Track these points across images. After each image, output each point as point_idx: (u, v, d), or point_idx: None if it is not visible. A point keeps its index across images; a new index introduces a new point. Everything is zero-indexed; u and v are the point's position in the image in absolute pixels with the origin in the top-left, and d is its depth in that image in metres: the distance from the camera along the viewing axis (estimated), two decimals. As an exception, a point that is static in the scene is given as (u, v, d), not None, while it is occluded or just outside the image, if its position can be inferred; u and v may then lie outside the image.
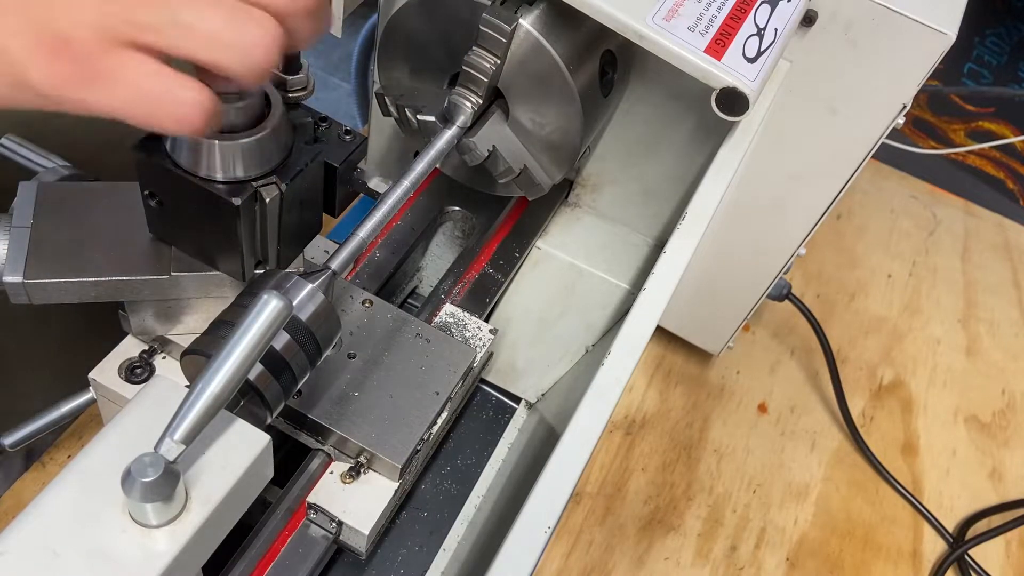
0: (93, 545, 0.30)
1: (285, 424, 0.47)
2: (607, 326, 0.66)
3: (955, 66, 1.44)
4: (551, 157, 0.56)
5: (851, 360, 0.91)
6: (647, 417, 0.81)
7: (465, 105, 0.51)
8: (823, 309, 0.94)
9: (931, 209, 1.12)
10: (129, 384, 0.46)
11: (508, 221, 0.65)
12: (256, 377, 0.39)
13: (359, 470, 0.46)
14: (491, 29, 0.49)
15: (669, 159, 0.64)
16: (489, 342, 0.54)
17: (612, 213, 0.70)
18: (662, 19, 0.47)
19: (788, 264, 0.69)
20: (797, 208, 0.65)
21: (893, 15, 0.53)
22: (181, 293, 0.44)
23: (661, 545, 0.73)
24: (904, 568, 0.77)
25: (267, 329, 0.33)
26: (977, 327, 0.99)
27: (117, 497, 0.31)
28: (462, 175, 0.60)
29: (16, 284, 0.40)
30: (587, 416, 0.42)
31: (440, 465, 0.57)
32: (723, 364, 0.87)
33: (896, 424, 0.87)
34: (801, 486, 0.80)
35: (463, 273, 0.61)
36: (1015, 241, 1.11)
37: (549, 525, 0.38)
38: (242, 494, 0.35)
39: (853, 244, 1.04)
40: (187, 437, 0.31)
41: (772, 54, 0.49)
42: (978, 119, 1.35)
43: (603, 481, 0.75)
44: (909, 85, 0.55)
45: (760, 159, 0.62)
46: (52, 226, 0.42)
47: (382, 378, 0.48)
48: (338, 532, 0.45)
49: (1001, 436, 0.89)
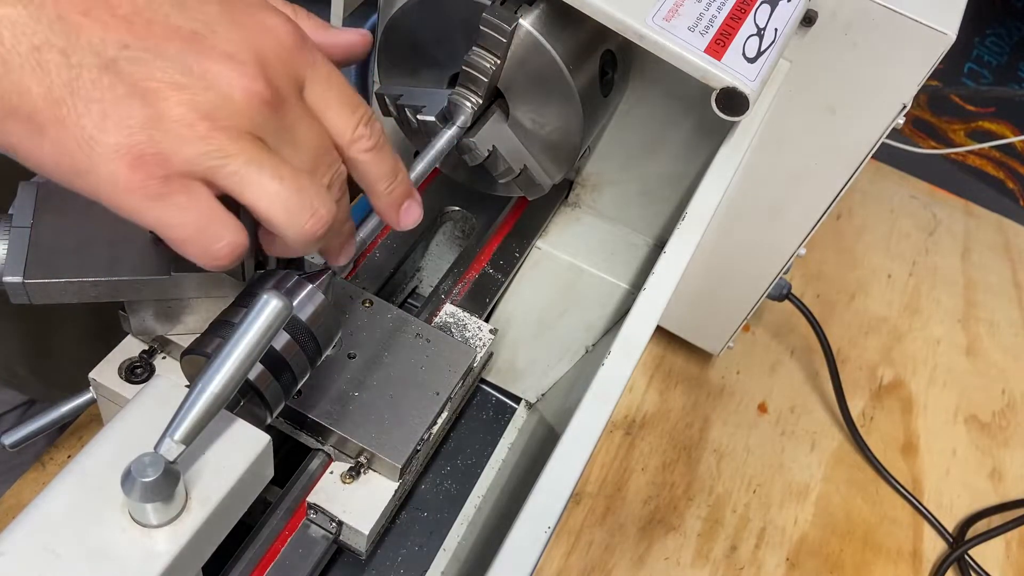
0: (93, 545, 0.30)
1: (285, 424, 0.47)
2: (607, 326, 0.66)
3: (955, 66, 1.44)
4: (551, 157, 0.56)
5: (851, 360, 0.91)
6: (647, 417, 0.81)
7: (465, 105, 0.51)
8: (823, 309, 0.94)
9: (931, 209, 1.12)
10: (129, 384, 0.46)
11: (508, 221, 0.65)
12: (256, 377, 0.39)
13: (359, 470, 0.46)
14: (491, 29, 0.49)
15: (669, 159, 0.64)
16: (489, 342, 0.54)
17: (612, 213, 0.70)
18: (662, 19, 0.47)
19: (788, 264, 0.69)
20: (797, 208, 0.65)
21: (893, 15, 0.53)
22: (181, 293, 0.44)
23: (661, 545, 0.73)
24: (904, 568, 0.77)
25: (267, 329, 0.33)
26: (977, 327, 0.99)
27: (117, 497, 0.31)
28: (462, 175, 0.60)
29: (16, 284, 0.40)
30: (587, 416, 0.42)
31: (440, 465, 0.57)
32: (723, 364, 0.87)
33: (896, 424, 0.87)
34: (801, 486, 0.80)
35: (463, 273, 0.61)
36: (1015, 241, 1.11)
37: (549, 525, 0.38)
38: (242, 494, 0.35)
39: (853, 244, 1.04)
40: (187, 437, 0.31)
41: (772, 54, 0.49)
42: (978, 119, 1.35)
43: (603, 481, 0.75)
44: (909, 85, 0.55)
45: (760, 159, 0.62)
46: (52, 226, 0.42)
47: (382, 378, 0.48)
48: (338, 532, 0.45)
49: (1001, 436, 0.89)
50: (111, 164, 0.30)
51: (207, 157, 0.31)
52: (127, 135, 0.30)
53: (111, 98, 0.30)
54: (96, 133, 0.30)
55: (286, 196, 0.32)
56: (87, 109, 0.29)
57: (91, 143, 0.30)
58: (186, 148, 0.30)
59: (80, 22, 0.29)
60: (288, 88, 0.34)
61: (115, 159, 0.30)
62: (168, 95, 0.30)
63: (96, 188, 0.31)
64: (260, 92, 0.32)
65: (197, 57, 0.31)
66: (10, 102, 0.29)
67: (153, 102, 0.30)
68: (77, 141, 0.30)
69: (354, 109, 0.37)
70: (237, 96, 0.31)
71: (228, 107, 0.31)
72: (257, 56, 0.32)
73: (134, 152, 0.30)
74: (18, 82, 0.29)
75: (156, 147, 0.30)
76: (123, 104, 0.30)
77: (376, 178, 0.39)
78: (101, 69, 0.29)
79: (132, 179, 0.30)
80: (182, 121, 0.30)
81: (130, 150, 0.30)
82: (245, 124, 0.32)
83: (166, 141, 0.30)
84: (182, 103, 0.30)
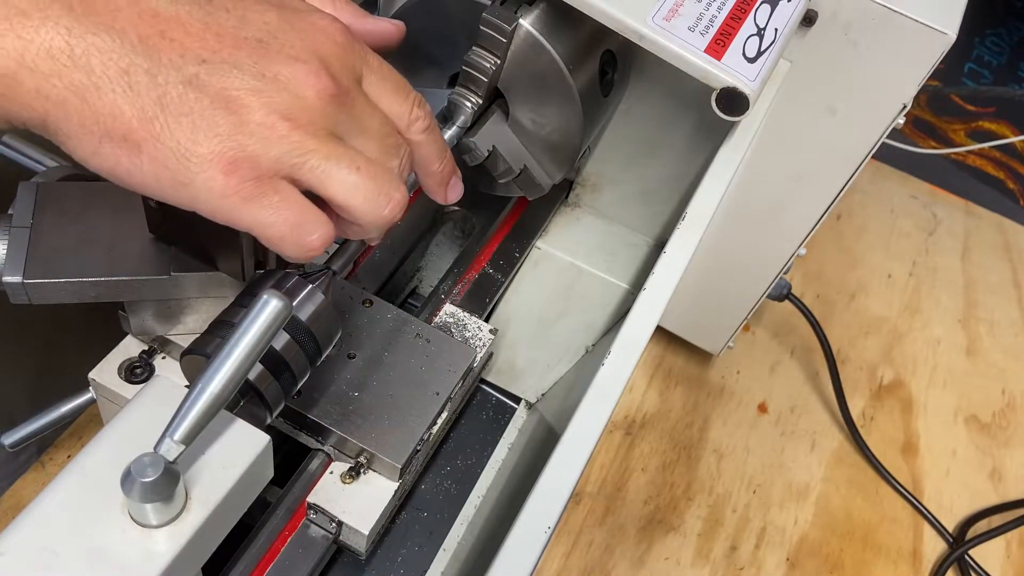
0: (93, 545, 0.30)
1: (285, 424, 0.47)
2: (607, 326, 0.66)
3: (955, 66, 1.44)
4: (551, 157, 0.56)
5: (851, 360, 0.91)
6: (647, 417, 0.81)
7: (465, 105, 0.51)
8: (823, 309, 0.94)
9: (931, 209, 1.12)
10: (129, 384, 0.46)
11: (508, 221, 0.65)
12: (256, 377, 0.39)
13: (359, 470, 0.46)
14: (491, 29, 0.49)
15: (669, 159, 0.64)
16: (489, 342, 0.54)
17: (612, 213, 0.70)
18: (662, 19, 0.47)
19: (788, 264, 0.69)
20: (797, 208, 0.65)
21: (893, 15, 0.53)
22: (181, 293, 0.44)
23: (661, 545, 0.73)
24: (904, 568, 0.77)
25: (267, 329, 0.33)
26: (977, 327, 0.99)
27: (117, 497, 0.31)
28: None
29: (16, 284, 0.40)
30: (587, 416, 0.42)
31: (440, 465, 0.57)
32: (723, 364, 0.87)
33: (896, 424, 0.87)
34: (801, 486, 0.80)
35: (463, 273, 0.61)
36: (1015, 241, 1.11)
37: (549, 525, 0.38)
38: (242, 494, 0.35)
39: (853, 244, 1.04)
40: (187, 437, 0.31)
41: (772, 54, 0.49)
42: (978, 119, 1.35)
43: (603, 481, 0.75)
44: (909, 85, 0.55)
45: (760, 159, 0.62)
46: (52, 226, 0.42)
47: (382, 378, 0.48)
48: (338, 532, 0.45)
49: (1001, 436, 0.89)
50: (207, 172, 0.31)
51: (291, 155, 0.33)
52: (218, 143, 0.31)
53: (198, 110, 0.31)
54: (190, 145, 0.31)
55: (364, 186, 0.35)
56: (178, 123, 0.31)
57: (187, 155, 0.31)
58: (272, 149, 0.32)
59: (159, 43, 0.31)
60: (350, 82, 0.36)
61: (210, 167, 0.31)
62: (248, 101, 0.32)
63: (195, 198, 0.32)
64: (328, 88, 0.34)
65: (267, 63, 0.33)
66: (105, 125, 0.31)
67: (236, 109, 0.32)
68: (174, 154, 0.31)
69: (407, 94, 0.39)
70: (309, 94, 0.33)
71: (302, 105, 0.33)
72: (319, 56, 0.34)
73: (227, 158, 0.32)
74: (112, 104, 0.30)
75: (245, 151, 0.32)
76: (209, 115, 0.31)
77: (431, 157, 0.41)
78: (185, 84, 0.31)
79: (228, 184, 0.32)
80: (264, 123, 0.32)
81: (223, 156, 0.31)
82: (319, 120, 0.34)
83: (253, 144, 0.32)
84: (262, 107, 0.32)
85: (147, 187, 0.32)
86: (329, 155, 0.34)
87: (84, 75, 0.30)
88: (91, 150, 0.31)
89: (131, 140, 0.31)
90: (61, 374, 0.52)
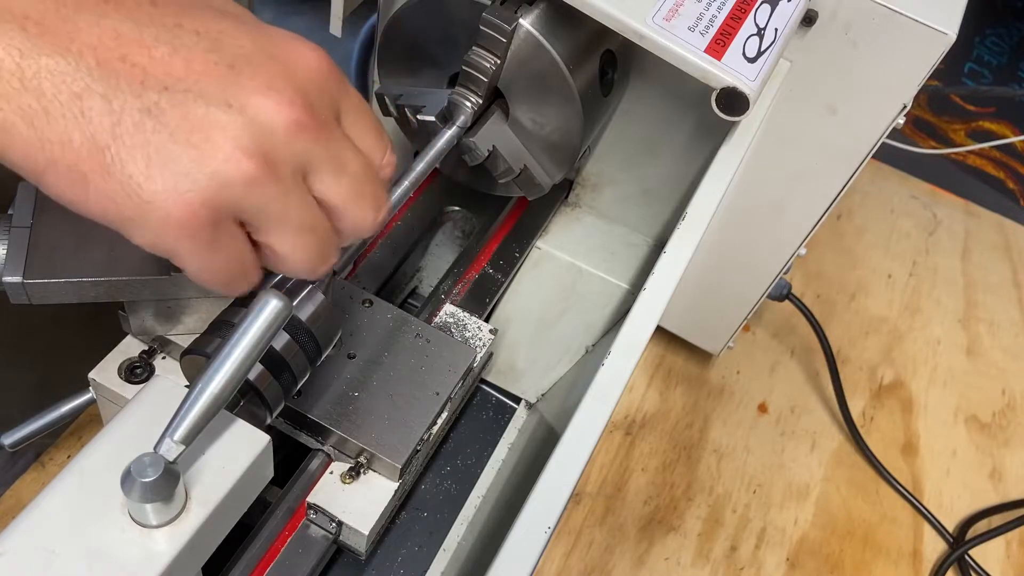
0: (93, 545, 0.30)
1: (285, 424, 0.47)
2: (607, 326, 0.66)
3: (955, 66, 1.44)
4: (551, 157, 0.56)
5: (851, 360, 0.91)
6: (647, 417, 0.81)
7: (465, 105, 0.51)
8: (823, 309, 0.94)
9: (931, 209, 1.12)
10: (129, 384, 0.46)
11: (508, 221, 0.65)
12: (256, 377, 0.39)
13: (359, 470, 0.46)
14: (491, 29, 0.49)
15: (669, 159, 0.64)
16: (489, 342, 0.54)
17: (612, 213, 0.70)
18: (662, 19, 0.47)
19: (788, 264, 0.69)
20: (797, 208, 0.65)
21: (893, 15, 0.53)
22: (181, 293, 0.44)
23: (661, 545, 0.73)
24: (904, 568, 0.77)
25: (267, 329, 0.33)
26: (977, 327, 0.99)
27: (117, 497, 0.31)
28: (462, 175, 0.60)
29: (16, 284, 0.40)
30: (587, 416, 0.42)
31: (440, 465, 0.57)
32: (723, 364, 0.87)
33: (896, 424, 0.87)
34: (801, 486, 0.80)
35: (463, 273, 0.61)
36: (1015, 241, 1.11)
37: (549, 525, 0.38)
38: (242, 494, 0.35)
39: (853, 244, 1.04)
40: (187, 437, 0.31)
41: (772, 54, 0.49)
42: (978, 119, 1.35)
43: (603, 481, 0.75)
44: (909, 85, 0.55)
45: (760, 159, 0.62)
46: (52, 226, 0.42)
47: (382, 378, 0.48)
48: (338, 532, 0.45)
49: (1001, 436, 0.89)
50: (159, 211, 0.29)
51: (249, 198, 0.31)
52: (173, 181, 0.29)
53: (155, 142, 0.29)
54: (142, 180, 0.29)
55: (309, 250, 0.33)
56: (131, 156, 0.29)
57: (138, 191, 0.29)
58: (231, 191, 0.30)
59: (118, 67, 0.29)
60: (327, 115, 0.33)
61: (163, 205, 0.29)
62: (211, 135, 0.29)
63: (140, 234, 0.30)
64: (301, 119, 0.31)
65: (235, 91, 0.30)
66: (52, 154, 0.28)
67: (197, 143, 0.29)
68: (123, 188, 0.29)
69: (381, 136, 0.36)
70: (279, 127, 0.31)
71: (271, 141, 0.31)
72: (294, 84, 0.32)
73: (184, 199, 0.29)
74: (61, 132, 0.28)
75: (203, 192, 0.29)
76: (167, 148, 0.29)
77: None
78: (143, 113, 0.29)
79: (181, 226, 0.30)
80: (228, 160, 0.30)
81: (178, 196, 0.29)
82: (288, 158, 0.31)
83: (212, 185, 0.30)
84: (226, 141, 0.30)
85: (94, 217, 0.30)
86: (287, 207, 0.32)
87: (34, 99, 0.28)
88: (34, 180, 0.29)
89: (78, 171, 0.29)
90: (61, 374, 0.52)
